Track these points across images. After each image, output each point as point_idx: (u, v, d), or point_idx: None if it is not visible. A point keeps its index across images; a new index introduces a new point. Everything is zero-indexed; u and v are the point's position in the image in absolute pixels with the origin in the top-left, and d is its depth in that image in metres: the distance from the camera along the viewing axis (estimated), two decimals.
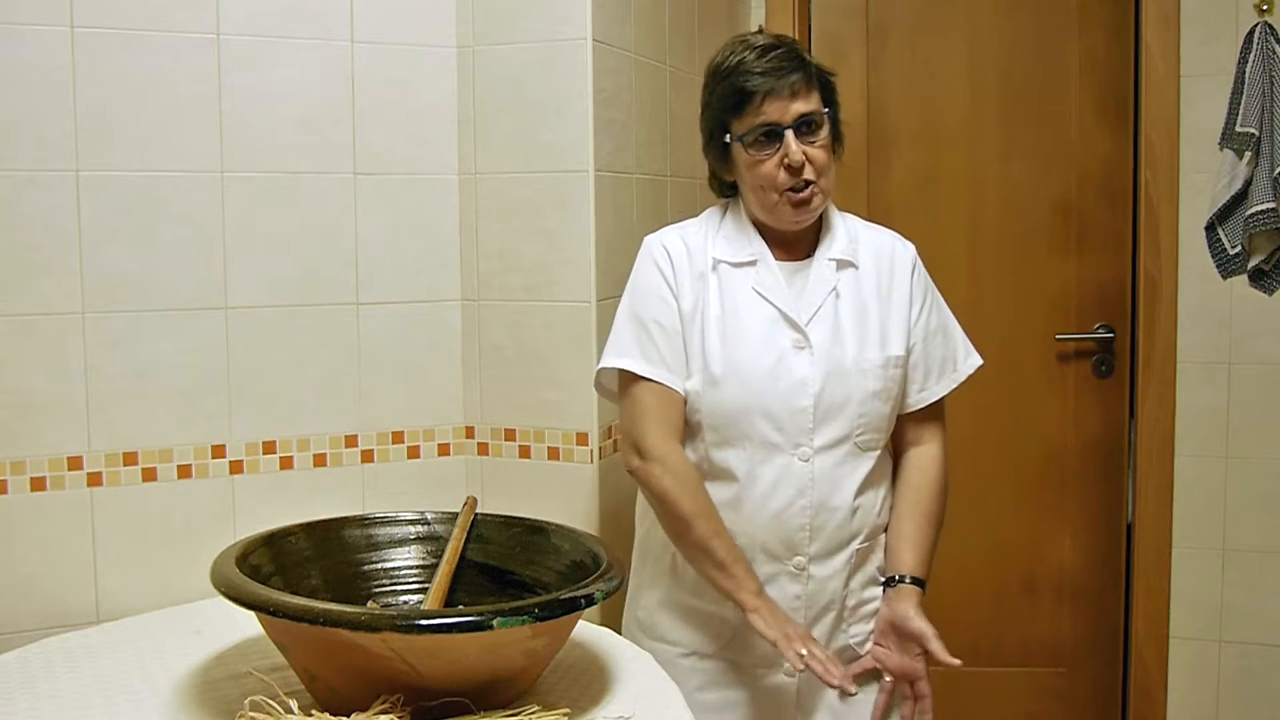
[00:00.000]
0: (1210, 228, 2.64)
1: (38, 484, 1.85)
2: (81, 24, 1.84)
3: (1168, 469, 2.72)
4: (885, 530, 1.78)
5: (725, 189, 1.79)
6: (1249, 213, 2.55)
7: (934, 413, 1.80)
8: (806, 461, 1.67)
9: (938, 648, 1.64)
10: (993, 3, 2.83)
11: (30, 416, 1.84)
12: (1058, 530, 2.90)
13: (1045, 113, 2.82)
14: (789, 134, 1.63)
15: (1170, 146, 2.66)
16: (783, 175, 1.65)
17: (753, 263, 1.72)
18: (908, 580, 1.71)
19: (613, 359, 1.72)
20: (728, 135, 1.68)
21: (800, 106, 1.64)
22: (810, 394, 1.66)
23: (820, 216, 1.74)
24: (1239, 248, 2.60)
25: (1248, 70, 2.55)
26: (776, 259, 1.73)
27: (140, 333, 1.91)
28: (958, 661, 1.62)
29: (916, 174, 2.89)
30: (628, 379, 1.72)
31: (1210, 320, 2.67)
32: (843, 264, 1.73)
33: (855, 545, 1.71)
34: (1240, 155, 2.57)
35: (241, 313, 1.98)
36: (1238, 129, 2.56)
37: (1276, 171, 2.52)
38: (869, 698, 1.73)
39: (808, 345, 1.68)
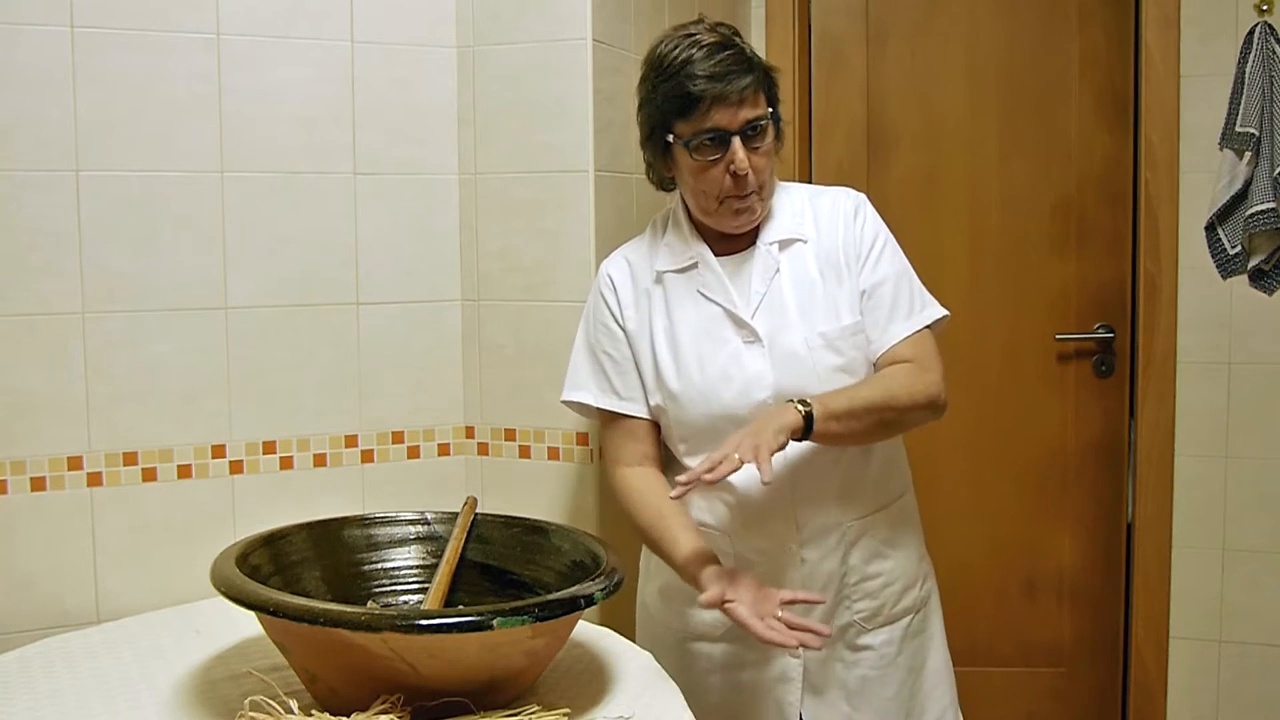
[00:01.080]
0: (1210, 228, 2.64)
1: (38, 484, 1.85)
2: (81, 24, 1.84)
3: (1168, 469, 2.72)
4: (883, 506, 1.74)
5: (665, 182, 1.76)
6: (1249, 213, 2.55)
7: (908, 356, 1.67)
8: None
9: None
10: (993, 3, 2.83)
11: (30, 416, 1.84)
12: (1058, 530, 2.90)
13: (1045, 113, 2.82)
14: (736, 140, 1.59)
15: (1170, 146, 2.66)
16: (727, 182, 1.62)
17: (694, 265, 1.71)
18: (799, 401, 1.53)
19: (570, 392, 1.78)
20: (670, 135, 1.64)
21: (748, 114, 1.59)
22: (766, 385, 1.63)
23: None
24: (1239, 248, 2.60)
25: (1248, 70, 2.55)
26: (720, 253, 1.71)
27: (140, 333, 1.91)
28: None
29: (916, 174, 2.89)
30: (597, 411, 1.76)
31: (1210, 320, 2.67)
32: (786, 243, 1.70)
33: (848, 522, 1.70)
34: (1240, 155, 2.56)
35: (241, 313, 1.98)
36: (1238, 129, 2.56)
37: (1276, 171, 2.52)
38: (879, 674, 1.72)
39: (756, 338, 1.66)
